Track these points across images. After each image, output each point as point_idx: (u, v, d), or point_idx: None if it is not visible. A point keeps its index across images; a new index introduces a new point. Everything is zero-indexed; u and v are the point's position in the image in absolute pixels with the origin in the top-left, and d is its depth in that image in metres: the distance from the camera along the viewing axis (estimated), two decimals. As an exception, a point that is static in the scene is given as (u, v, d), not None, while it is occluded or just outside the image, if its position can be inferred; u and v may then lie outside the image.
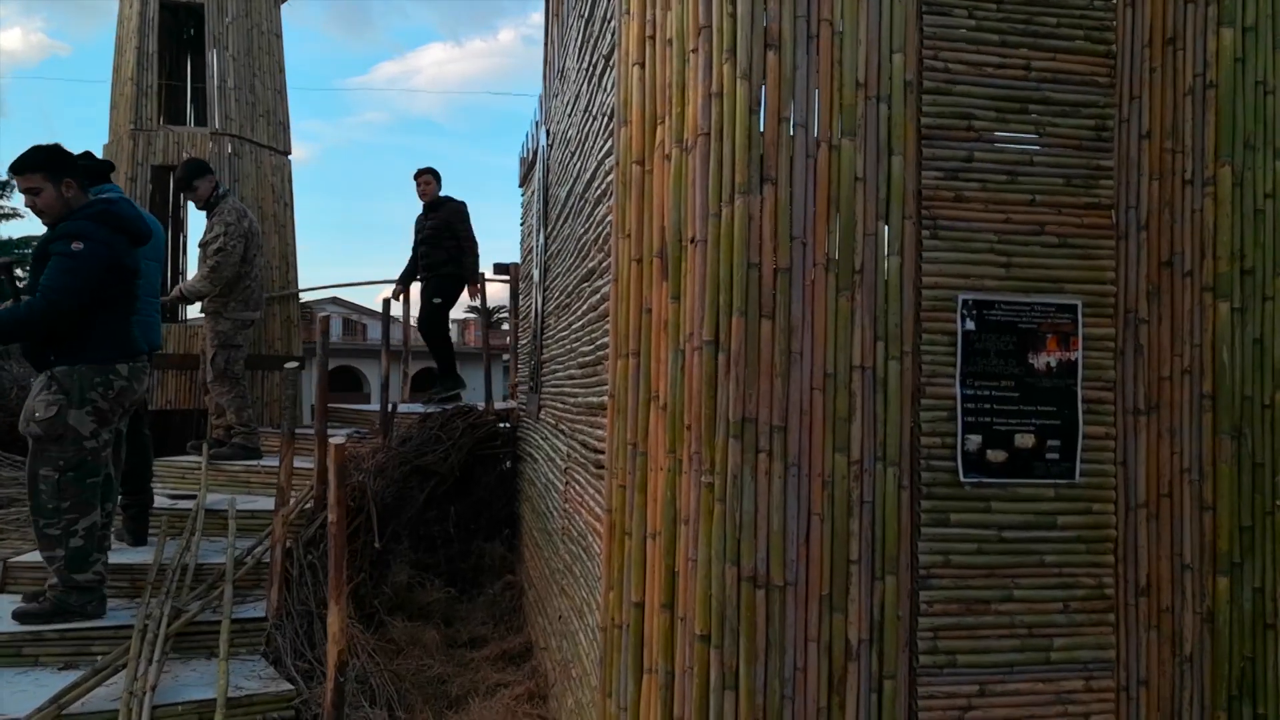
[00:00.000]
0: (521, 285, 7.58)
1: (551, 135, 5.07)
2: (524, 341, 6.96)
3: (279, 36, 7.15)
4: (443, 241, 7.04)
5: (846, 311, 2.25)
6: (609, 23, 2.87)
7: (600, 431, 2.82)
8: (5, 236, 28.00)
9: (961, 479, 2.59)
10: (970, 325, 2.64)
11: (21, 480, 4.63)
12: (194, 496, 5.25)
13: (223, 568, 4.29)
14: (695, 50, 2.26)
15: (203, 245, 5.88)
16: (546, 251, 5.17)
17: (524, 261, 7.32)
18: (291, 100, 7.38)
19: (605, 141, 2.84)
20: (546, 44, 6.60)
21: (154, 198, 6.80)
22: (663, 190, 2.36)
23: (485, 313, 8.04)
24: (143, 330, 4.78)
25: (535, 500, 5.15)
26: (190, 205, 7.54)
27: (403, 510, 5.79)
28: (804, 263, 2.23)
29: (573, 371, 3.67)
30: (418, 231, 7.20)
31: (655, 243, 2.37)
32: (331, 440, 3.22)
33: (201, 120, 7.03)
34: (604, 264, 2.85)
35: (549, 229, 5.13)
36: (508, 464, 6.70)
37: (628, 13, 2.51)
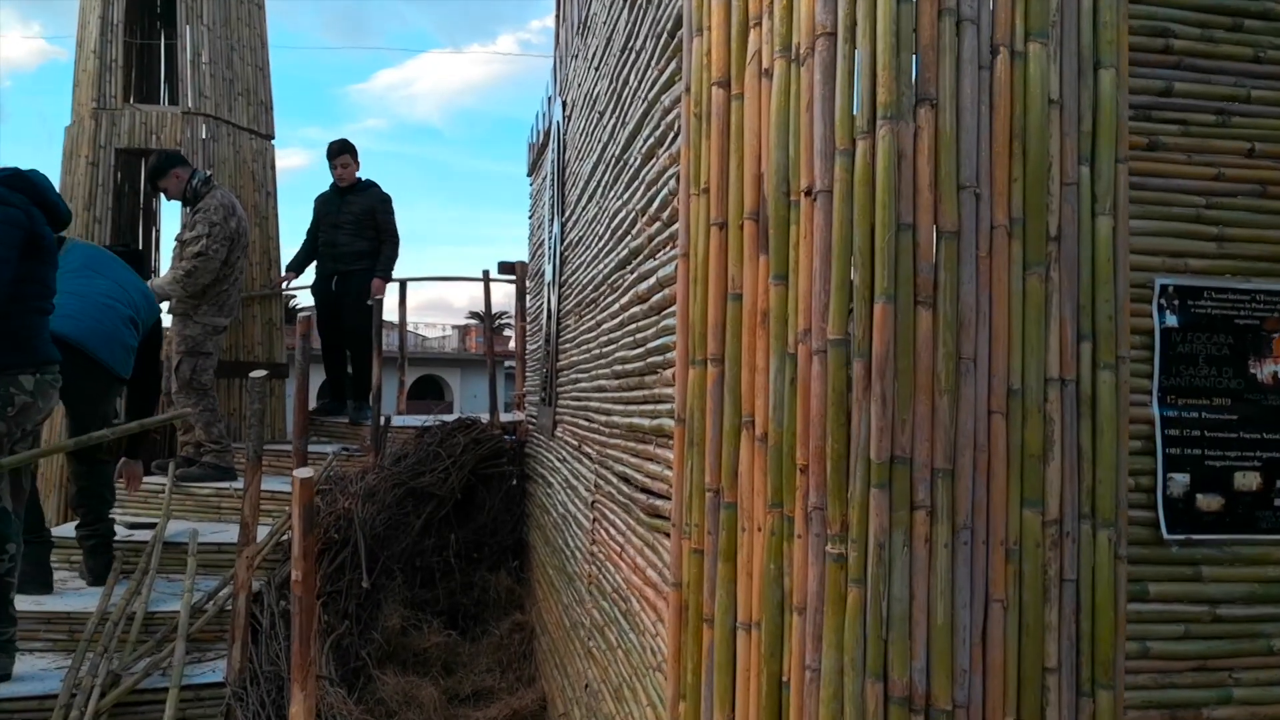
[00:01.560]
0: (529, 284, 6.86)
1: (569, 105, 4.34)
2: (534, 347, 6.23)
3: (261, 7, 6.43)
4: (364, 231, 6.10)
5: (1039, 297, 1.51)
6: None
7: (653, 466, 2.08)
8: None
9: (1165, 536, 1.87)
10: (1171, 320, 1.93)
11: None
12: (153, 525, 4.51)
13: (177, 616, 3.55)
14: (809, -85, 1.53)
15: (180, 242, 5.15)
16: (563, 241, 4.44)
17: (533, 258, 6.60)
18: (291, 106, 6.73)
19: (660, 70, 2.11)
20: (562, 9, 5.89)
21: (120, 186, 6.07)
22: (759, 122, 1.63)
23: (489, 316, 7.31)
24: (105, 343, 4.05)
25: (549, 531, 4.41)
26: (163, 200, 6.83)
27: (396, 539, 5.04)
28: (977, 224, 1.50)
29: (603, 383, 2.94)
30: (325, 215, 6.12)
31: (747, 199, 1.64)
32: (297, 473, 2.48)
33: (174, 99, 6.31)
34: (659, 238, 2.12)
35: (566, 215, 4.40)
36: (514, 481, 5.98)
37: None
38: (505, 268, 8.57)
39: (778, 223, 1.58)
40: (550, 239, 5.05)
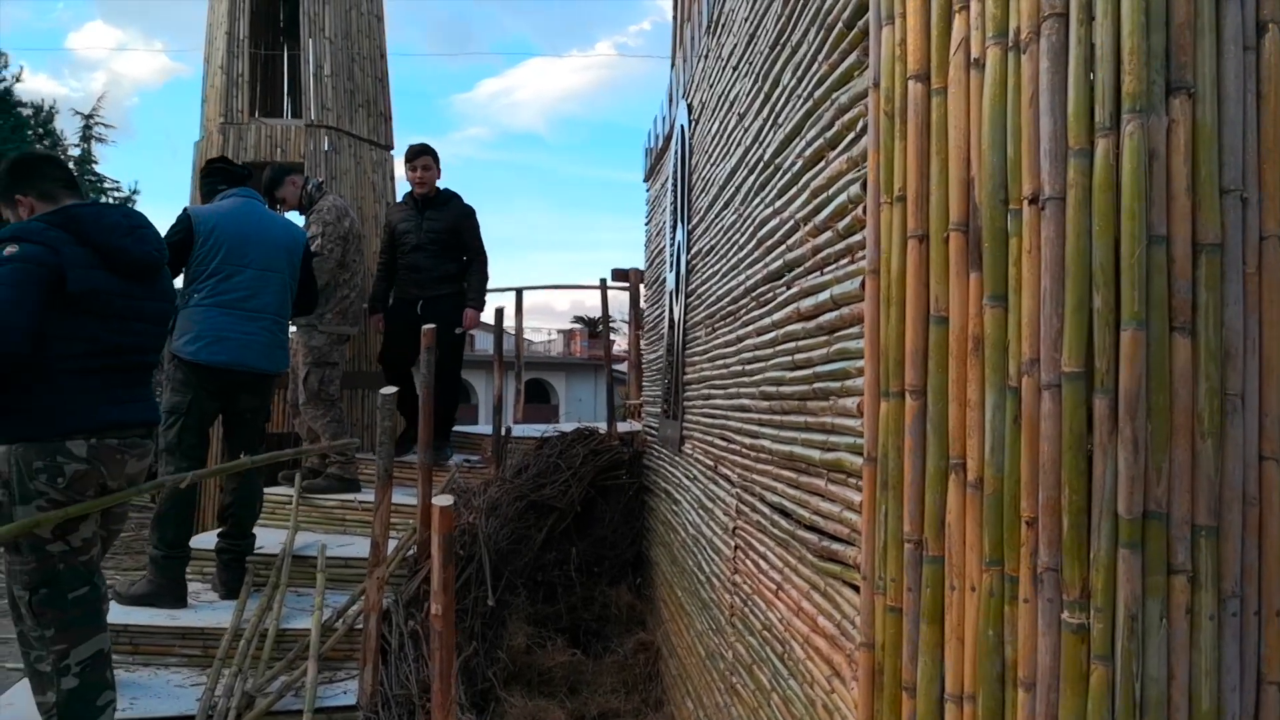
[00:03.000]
0: (646, 293, 6.72)
1: (697, 107, 4.17)
2: (653, 356, 6.08)
3: (380, 19, 6.46)
4: (450, 251, 5.39)
5: (1320, 320, 1.26)
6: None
7: (827, 505, 1.88)
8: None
9: None
10: None
11: None
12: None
13: (308, 635, 3.51)
14: (1031, -122, 1.32)
15: None
16: (690, 249, 4.27)
17: (650, 265, 6.45)
18: (398, 117, 6.65)
19: (831, 66, 1.91)
20: (680, 9, 5.74)
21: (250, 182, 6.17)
22: (967, 120, 1.42)
23: (606, 325, 7.20)
24: (260, 352, 4.06)
25: (677, 550, 4.25)
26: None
27: (519, 554, 4.96)
28: (1244, 234, 1.26)
29: (746, 402, 2.75)
30: (404, 233, 5.39)
31: (953, 208, 1.43)
32: (436, 501, 2.37)
33: (297, 112, 6.38)
34: (829, 250, 1.92)
35: (691, 222, 4.23)
36: (631, 492, 5.84)
37: None
38: (619, 275, 8.47)
39: (993, 235, 1.37)
40: (673, 246, 4.89)
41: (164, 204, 78.11)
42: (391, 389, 3.34)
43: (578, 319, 44.77)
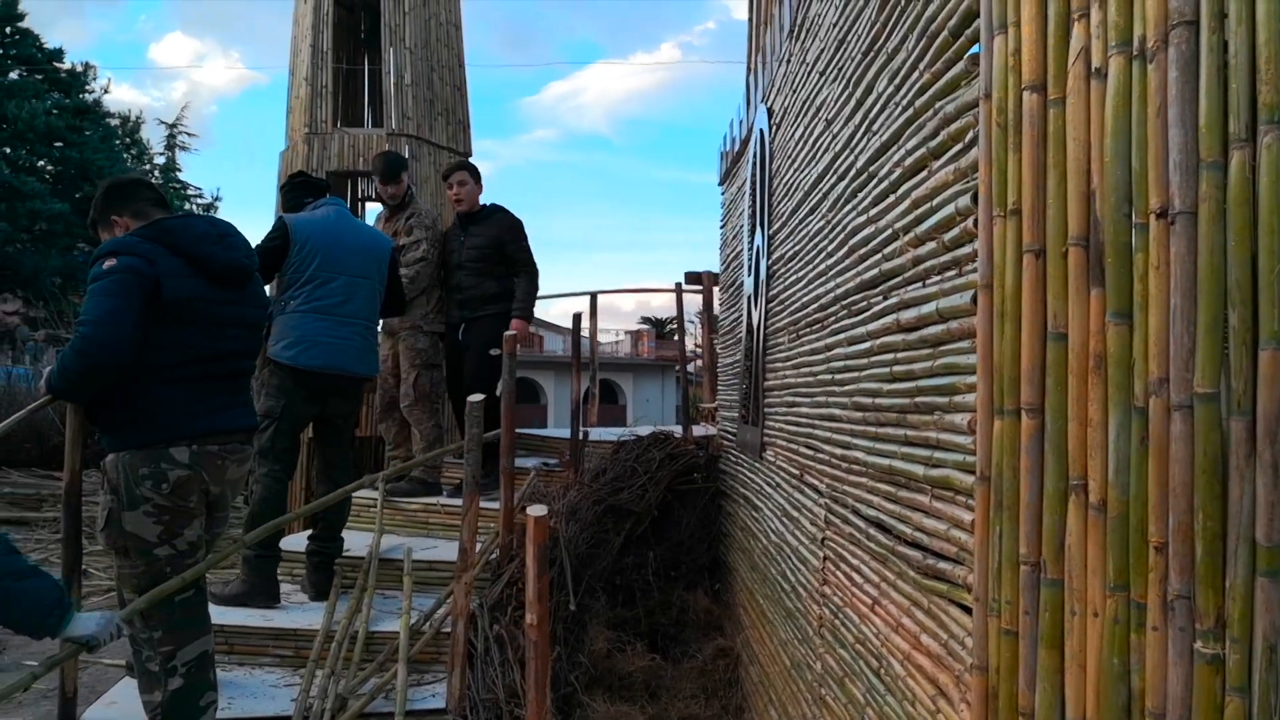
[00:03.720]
0: (721, 296, 6.70)
1: (778, 112, 4.14)
2: (729, 360, 6.06)
3: (458, 28, 6.55)
4: (493, 267, 5.12)
5: None
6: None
7: (931, 521, 1.85)
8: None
9: None
10: None
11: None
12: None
13: (396, 638, 3.58)
14: (1157, -119, 1.28)
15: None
16: (770, 254, 4.24)
17: (725, 268, 6.43)
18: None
19: (934, 75, 1.88)
20: (756, 11, 5.70)
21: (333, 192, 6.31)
22: (1087, 132, 1.38)
23: (681, 326, 7.18)
24: (350, 356, 4.16)
25: (757, 557, 4.23)
26: (368, 215, 7.07)
27: (598, 558, 4.98)
28: (1392, 249, 1.20)
29: (836, 412, 2.72)
30: (449, 252, 5.20)
31: (1072, 222, 1.39)
32: (530, 511, 2.39)
33: (378, 121, 6.51)
34: (932, 262, 1.88)
35: (772, 227, 4.20)
36: (708, 496, 5.83)
37: None
38: (692, 277, 8.46)
39: (1117, 250, 1.33)
40: (751, 251, 4.87)
41: (244, 210, 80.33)
42: (479, 396, 3.38)
43: (645, 319, 44.95)
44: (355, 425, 4.59)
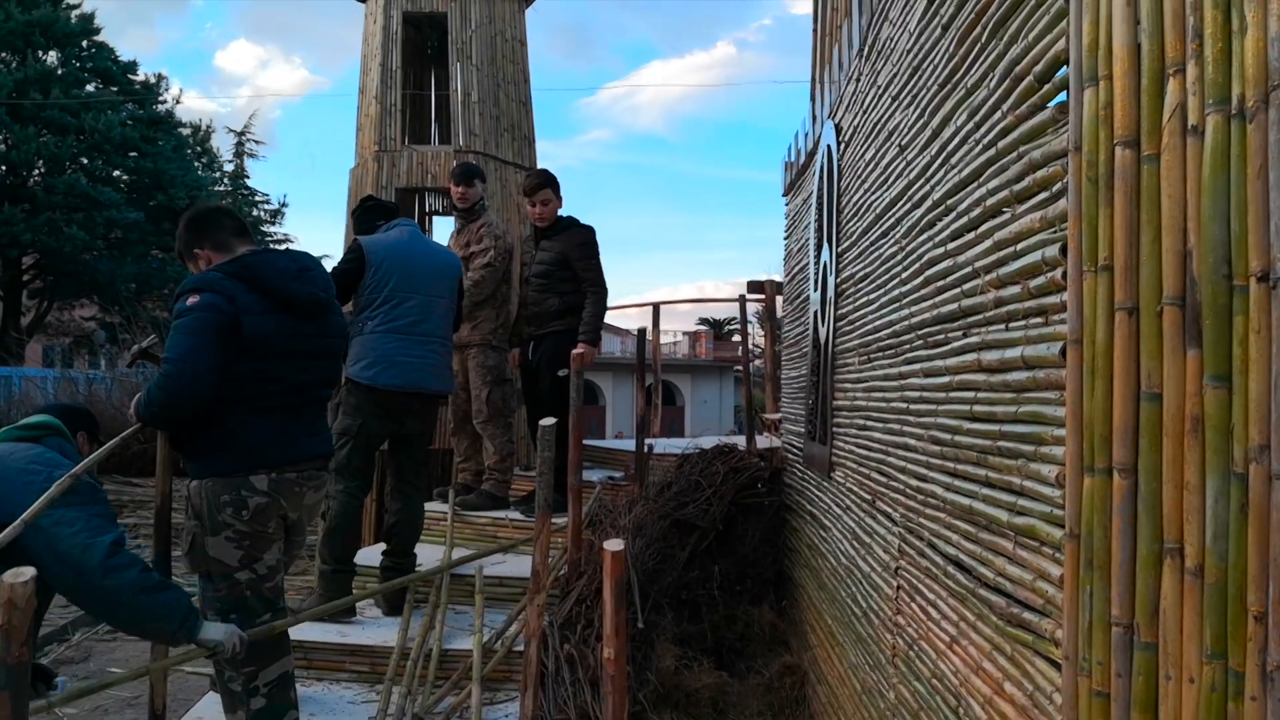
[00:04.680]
0: (787, 307, 6.67)
1: (847, 129, 4.12)
2: (794, 374, 6.04)
3: (523, 43, 6.62)
4: (558, 283, 5.03)
5: None
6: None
7: (1015, 569, 1.83)
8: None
9: None
10: None
11: None
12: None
13: (469, 656, 3.64)
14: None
15: (462, 257, 5.36)
16: (838, 272, 4.22)
17: (790, 281, 6.41)
18: None
19: (1017, 118, 1.86)
20: (821, 22, 5.67)
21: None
22: (1183, 189, 1.36)
23: (745, 339, 7.17)
24: (412, 374, 4.25)
25: (825, 577, 4.21)
26: (435, 228, 7.17)
27: (663, 573, 5.00)
28: None
29: (912, 442, 2.70)
30: (525, 265, 5.23)
31: (1167, 281, 1.37)
32: (608, 546, 2.42)
33: (445, 138, 6.61)
34: (1017, 306, 1.87)
35: (841, 245, 4.18)
36: (772, 511, 5.83)
37: (1096, -101, 1.52)
38: (754, 286, 8.47)
39: (1215, 311, 1.31)
40: (818, 265, 4.85)
41: (309, 214, 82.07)
42: (551, 420, 3.42)
43: (702, 320, 44.87)
44: (429, 442, 4.67)
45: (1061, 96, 1.69)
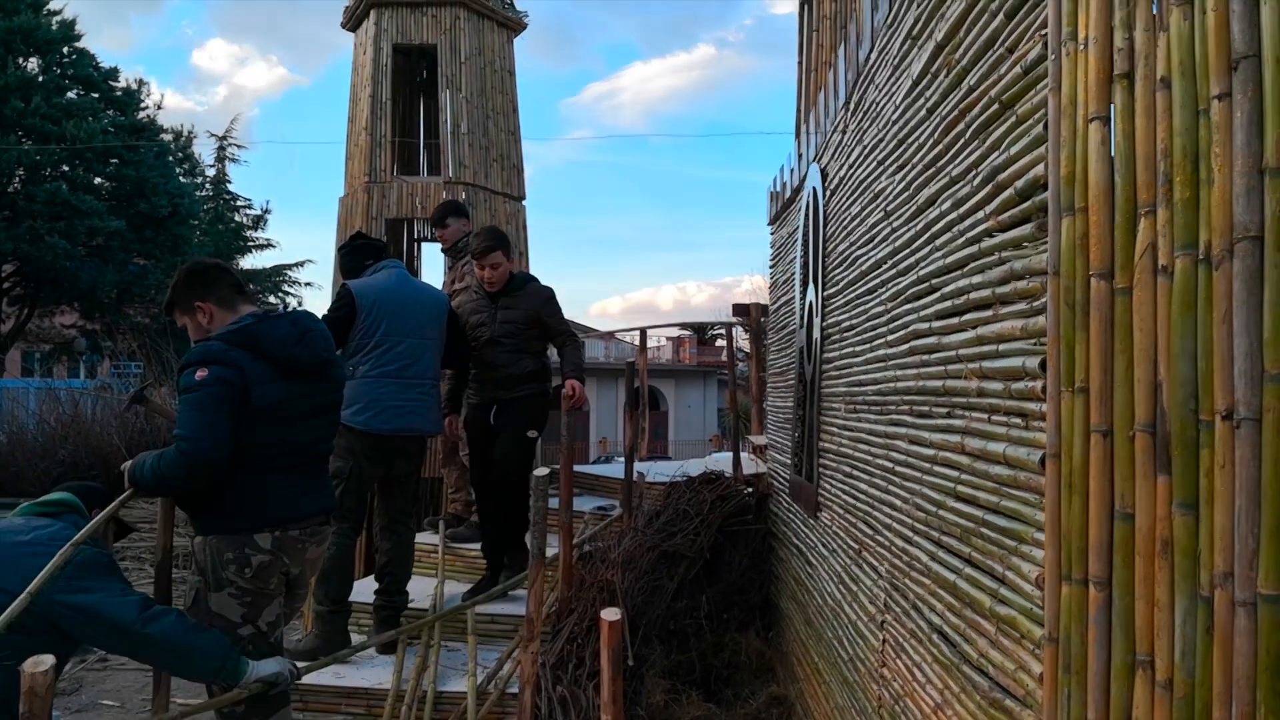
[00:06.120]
0: (771, 335, 6.77)
1: (832, 176, 4.21)
2: (779, 402, 6.13)
3: (512, 73, 6.69)
4: (529, 343, 4.77)
5: None
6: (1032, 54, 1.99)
7: (992, 651, 1.92)
8: (259, 267, 30.22)
9: None
10: None
11: None
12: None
13: (464, 700, 3.71)
14: (1222, 97, 1.35)
15: (450, 293, 5.43)
16: (823, 315, 4.31)
17: (774, 311, 6.51)
18: None
19: (999, 224, 1.95)
20: (807, 57, 5.77)
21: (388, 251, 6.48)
22: (1154, 324, 1.45)
23: (733, 368, 7.26)
24: (403, 416, 4.32)
25: (812, 614, 4.30)
26: (424, 256, 7.23)
27: (653, 605, 5.08)
28: None
29: (898, 504, 2.79)
30: (476, 325, 4.76)
31: (1139, 408, 1.46)
32: (605, 615, 2.50)
33: (435, 169, 6.67)
34: (994, 400, 1.96)
35: (827, 289, 4.27)
36: (759, 538, 5.91)
37: (1074, 40, 1.61)
38: (739, 310, 8.58)
39: (1183, 443, 1.40)
40: (803, 303, 4.94)
41: (290, 212, 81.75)
42: (545, 469, 3.50)
43: (684, 325, 44.96)
44: (417, 481, 4.74)
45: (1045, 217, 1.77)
